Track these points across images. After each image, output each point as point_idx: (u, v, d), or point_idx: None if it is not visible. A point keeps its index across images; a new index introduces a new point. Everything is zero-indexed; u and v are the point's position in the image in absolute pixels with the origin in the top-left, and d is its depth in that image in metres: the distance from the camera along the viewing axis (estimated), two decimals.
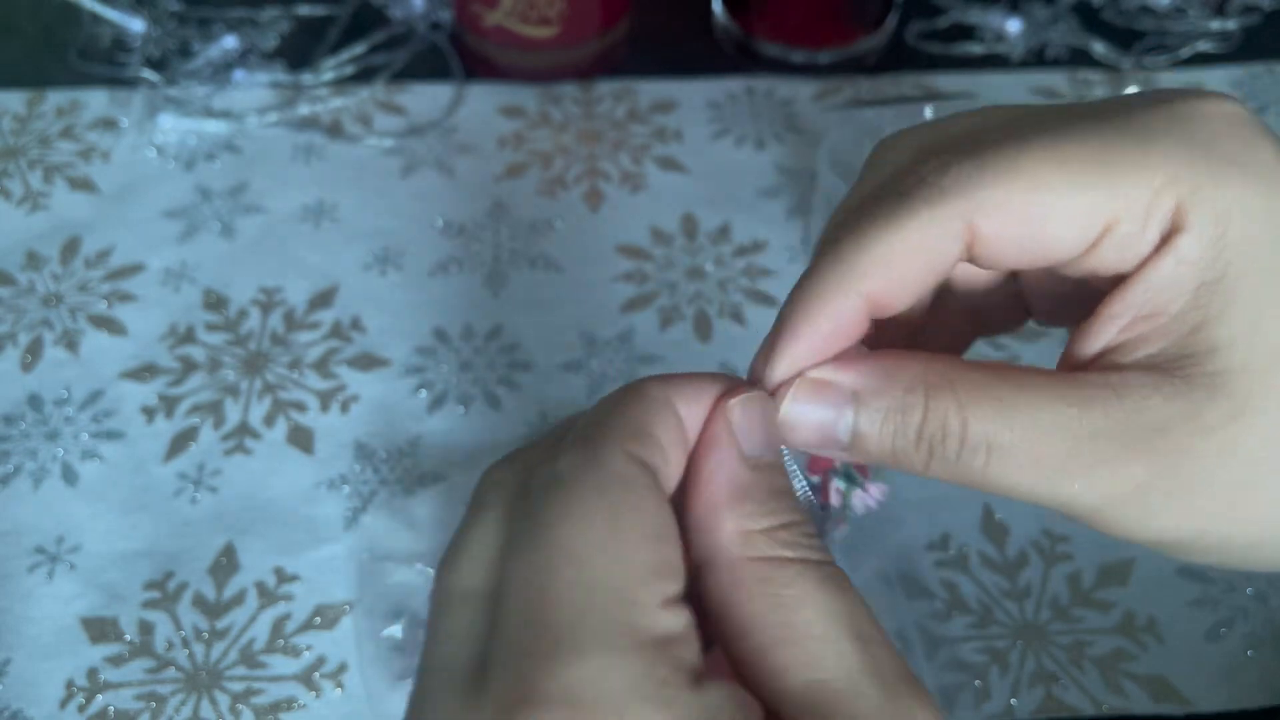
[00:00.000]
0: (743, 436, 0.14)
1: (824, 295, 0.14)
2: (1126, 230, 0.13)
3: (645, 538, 0.12)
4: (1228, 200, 0.12)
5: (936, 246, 0.13)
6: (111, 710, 0.26)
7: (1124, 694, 0.26)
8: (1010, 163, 0.13)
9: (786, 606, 0.13)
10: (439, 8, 0.43)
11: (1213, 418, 0.13)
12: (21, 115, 0.39)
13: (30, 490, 0.30)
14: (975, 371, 0.13)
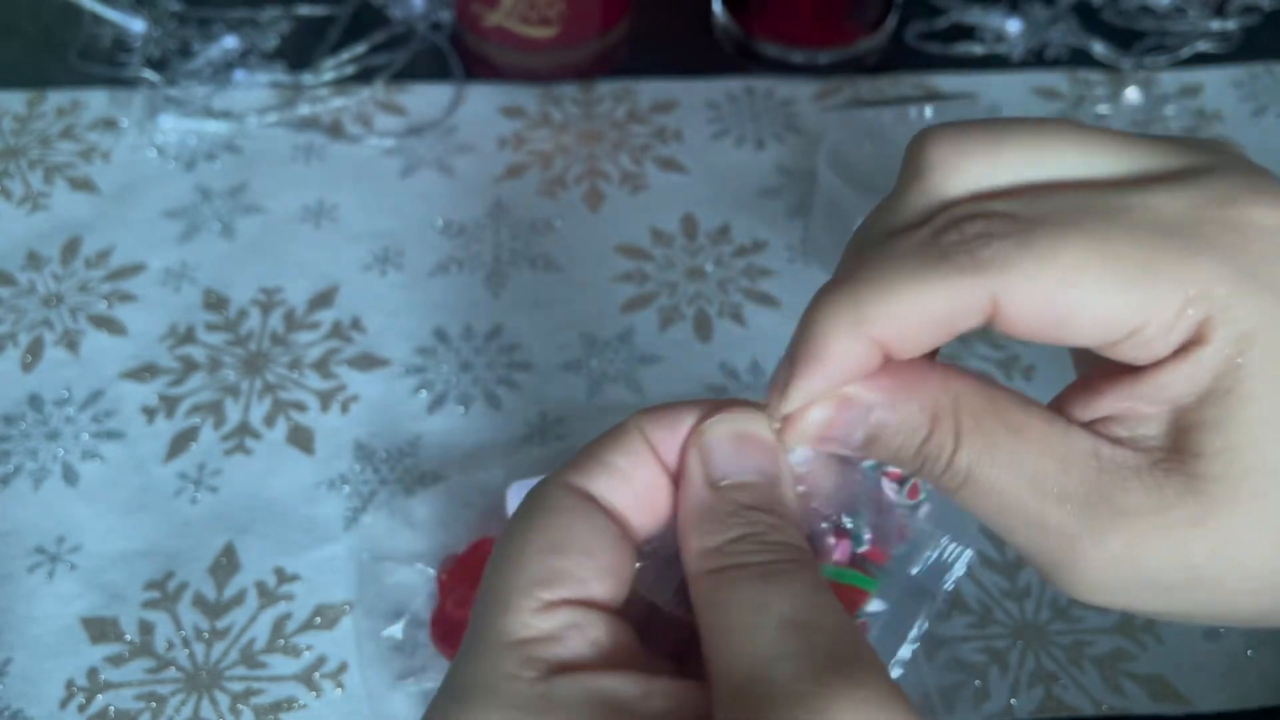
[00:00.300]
0: (710, 460, 0.15)
1: (838, 335, 0.14)
2: (1151, 335, 0.13)
3: (539, 552, 0.14)
4: (1254, 323, 0.13)
5: (958, 312, 0.13)
6: (112, 710, 0.26)
7: (1123, 693, 0.26)
8: (1050, 251, 0.13)
9: (721, 608, 0.13)
10: (439, 8, 0.43)
11: (1177, 517, 0.13)
12: (22, 115, 0.39)
13: (31, 490, 0.30)
14: (979, 400, 0.14)
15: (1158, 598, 0.14)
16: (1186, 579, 0.13)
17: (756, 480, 0.14)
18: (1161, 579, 0.13)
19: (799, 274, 0.35)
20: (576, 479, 0.15)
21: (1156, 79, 0.41)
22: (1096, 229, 0.13)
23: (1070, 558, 0.13)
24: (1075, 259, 0.13)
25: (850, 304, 0.14)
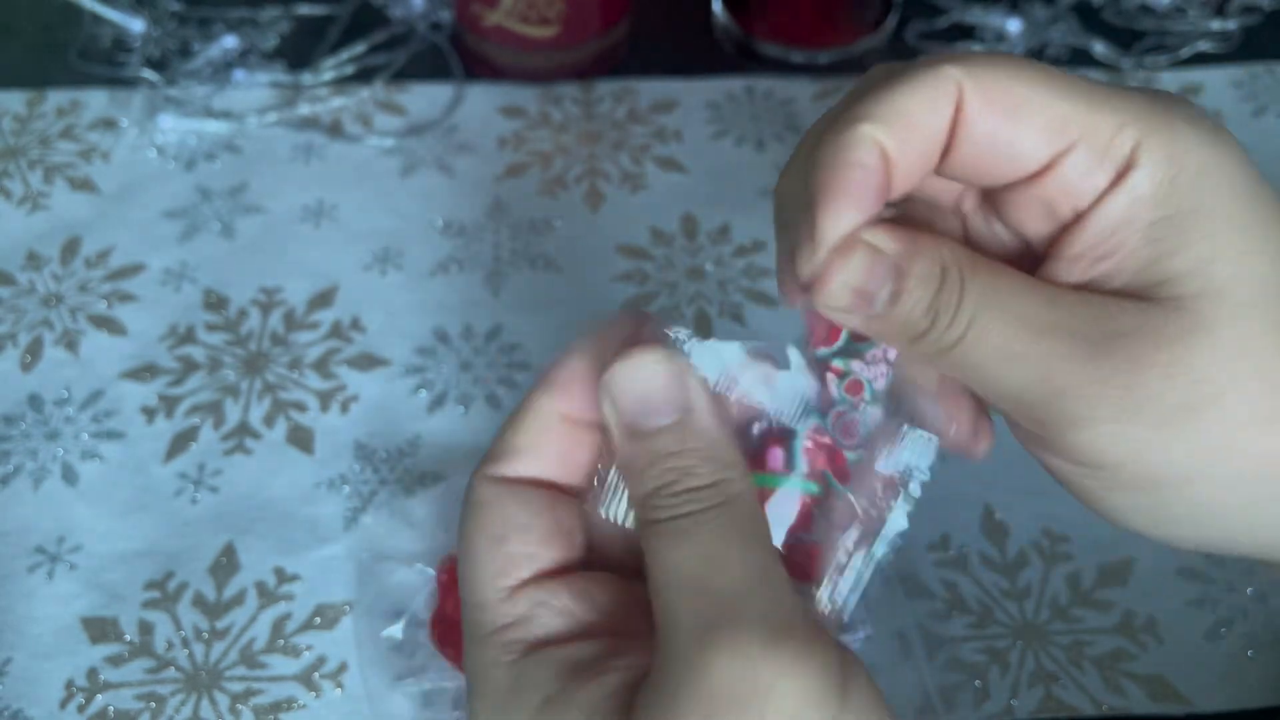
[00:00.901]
0: (622, 411, 0.15)
1: (855, 149, 0.14)
2: (1085, 155, 0.14)
3: (488, 544, 0.15)
4: (1180, 145, 0.14)
5: (935, 103, 0.14)
6: (111, 710, 0.26)
7: (1123, 694, 0.26)
8: (1005, 63, 0.14)
9: (648, 565, 0.14)
10: (439, 7, 0.43)
11: (1170, 331, 0.14)
12: (22, 115, 0.39)
13: (30, 490, 0.30)
14: (979, 259, 0.15)
15: (1160, 432, 0.13)
16: (1185, 400, 0.13)
17: (668, 421, 0.15)
18: (1163, 400, 0.13)
19: None
20: (493, 469, 0.16)
21: (1156, 79, 0.41)
22: (1051, 71, 0.14)
23: (1071, 390, 0.13)
24: (1030, 69, 0.14)
25: (847, 117, 0.14)
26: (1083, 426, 0.14)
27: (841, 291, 0.14)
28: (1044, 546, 0.29)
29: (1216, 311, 0.14)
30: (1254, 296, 0.14)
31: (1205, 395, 0.14)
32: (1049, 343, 0.14)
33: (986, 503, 0.30)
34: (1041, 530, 0.29)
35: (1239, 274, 0.14)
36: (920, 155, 0.14)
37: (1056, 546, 0.29)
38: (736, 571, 0.14)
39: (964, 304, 0.14)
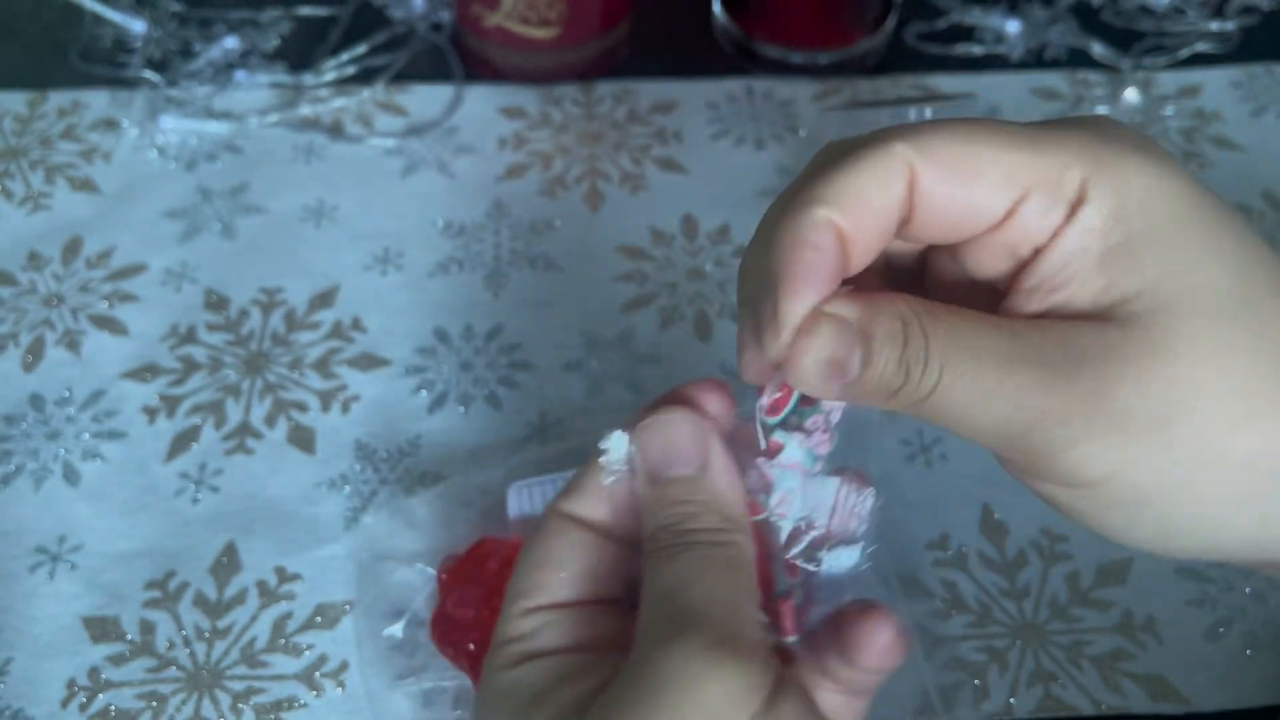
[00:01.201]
0: (645, 459, 0.17)
1: (810, 232, 0.15)
2: (1039, 200, 0.15)
3: (527, 569, 0.17)
4: (1124, 176, 0.15)
5: (887, 181, 0.15)
6: (113, 709, 0.26)
7: (1123, 693, 0.26)
8: (948, 129, 0.15)
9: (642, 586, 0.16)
10: (439, 8, 0.43)
11: (1130, 349, 0.14)
12: (23, 116, 0.39)
13: (32, 490, 0.30)
14: (937, 307, 0.15)
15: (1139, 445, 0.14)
16: (1157, 412, 0.14)
17: (685, 473, 0.17)
18: (1137, 414, 0.14)
19: None
20: (562, 504, 0.18)
21: (1155, 79, 0.41)
22: (992, 125, 0.15)
23: (1047, 417, 0.14)
24: (976, 129, 0.15)
25: (799, 204, 0.15)
26: (1064, 450, 0.14)
27: (814, 367, 0.15)
28: (1043, 546, 0.29)
29: (1173, 324, 0.14)
30: (1207, 306, 0.14)
31: (1176, 404, 0.14)
32: (1018, 376, 0.14)
33: (985, 502, 0.30)
34: (1040, 529, 0.29)
35: (1190, 286, 0.14)
36: (875, 231, 0.15)
37: (1055, 546, 0.29)
38: (707, 591, 0.16)
39: (930, 353, 0.15)
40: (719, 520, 0.16)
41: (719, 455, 0.17)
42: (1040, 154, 0.15)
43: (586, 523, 0.17)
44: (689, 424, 0.17)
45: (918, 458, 0.31)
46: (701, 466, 0.17)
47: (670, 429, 0.17)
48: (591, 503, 0.18)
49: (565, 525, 0.17)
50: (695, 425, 0.17)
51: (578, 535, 0.17)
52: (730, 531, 0.16)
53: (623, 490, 0.17)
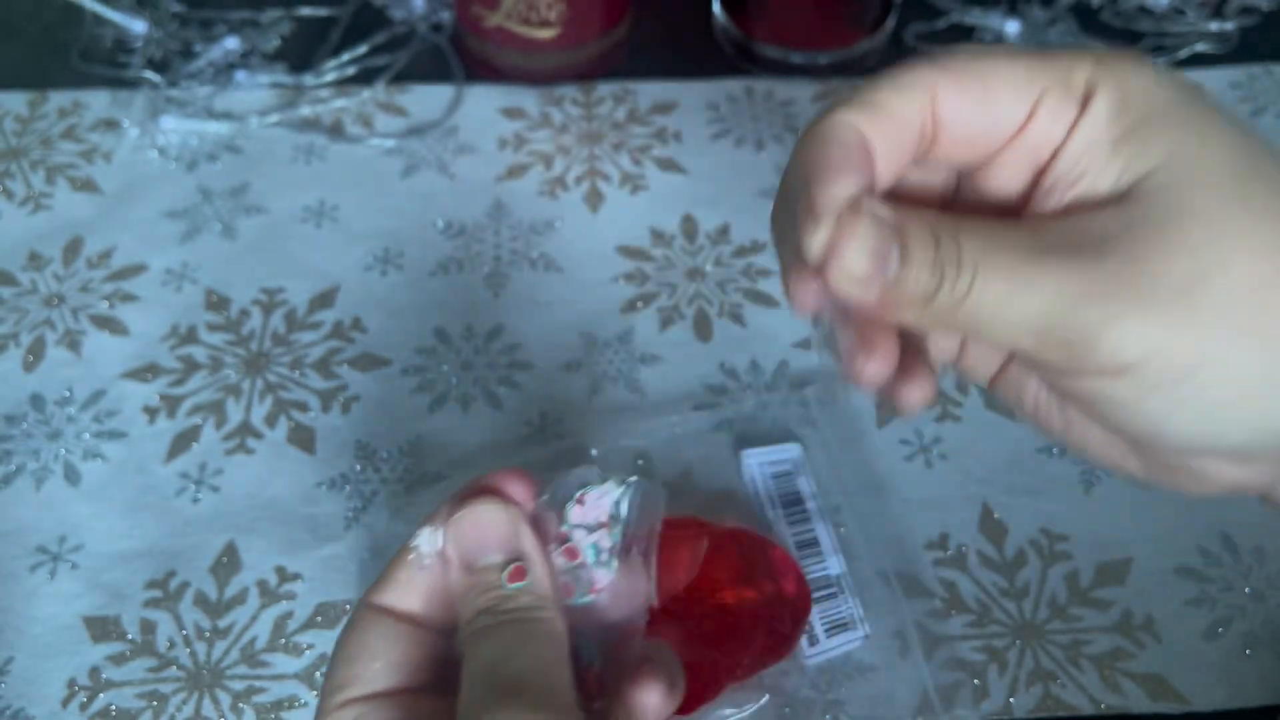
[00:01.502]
0: (461, 550, 0.18)
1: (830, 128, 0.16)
2: (1052, 99, 0.16)
3: (341, 661, 0.18)
4: (1125, 73, 0.16)
5: (910, 95, 0.16)
6: (113, 709, 0.26)
7: (1122, 693, 0.27)
8: (964, 50, 0.16)
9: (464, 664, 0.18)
10: (440, 9, 0.43)
11: (1152, 222, 0.14)
12: (24, 116, 0.39)
13: (32, 490, 0.30)
14: (963, 217, 0.16)
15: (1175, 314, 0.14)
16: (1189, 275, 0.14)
17: (497, 560, 0.18)
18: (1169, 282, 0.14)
19: None
20: (372, 596, 0.19)
21: None
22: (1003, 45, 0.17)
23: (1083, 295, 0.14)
24: (990, 48, 0.16)
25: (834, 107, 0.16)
26: (1102, 331, 0.14)
27: (858, 258, 0.15)
28: (1042, 545, 0.29)
29: (1190, 195, 0.14)
30: (1221, 178, 0.15)
31: (1205, 268, 0.14)
32: (1048, 263, 0.15)
33: (985, 502, 0.30)
34: (1040, 529, 0.29)
35: (1200, 160, 0.15)
36: (899, 144, 0.16)
37: (1055, 545, 0.29)
38: (525, 662, 0.17)
39: (964, 253, 0.15)
40: (533, 599, 0.18)
41: (529, 540, 0.18)
42: (1049, 60, 0.16)
43: (398, 613, 0.19)
44: (500, 513, 0.18)
45: (917, 457, 0.31)
46: (514, 552, 0.18)
47: (483, 519, 0.18)
48: (402, 594, 0.19)
49: (377, 617, 0.18)
50: (506, 514, 0.18)
51: (390, 626, 0.18)
52: (543, 609, 0.18)
53: (433, 580, 0.18)
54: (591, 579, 0.18)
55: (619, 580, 0.18)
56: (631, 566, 0.18)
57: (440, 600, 0.19)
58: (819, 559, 0.28)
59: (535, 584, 0.18)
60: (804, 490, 0.29)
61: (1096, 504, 0.30)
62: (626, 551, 0.18)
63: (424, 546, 0.18)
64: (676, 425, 0.31)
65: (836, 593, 0.27)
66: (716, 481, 0.30)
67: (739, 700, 0.25)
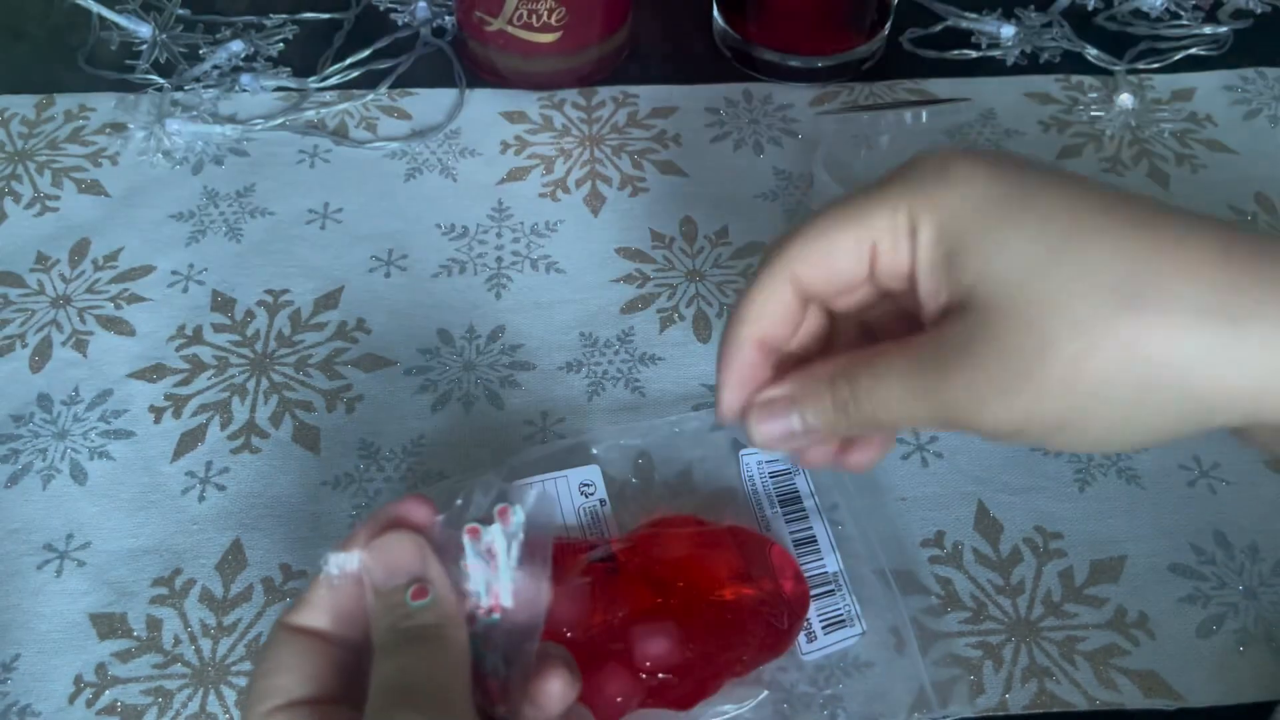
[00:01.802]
0: (373, 575, 0.20)
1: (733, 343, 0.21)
2: (888, 244, 0.19)
3: (260, 675, 0.20)
4: (943, 196, 0.19)
5: (779, 293, 0.20)
6: (119, 705, 0.27)
7: (1116, 689, 0.27)
8: (805, 230, 0.20)
9: None
10: (442, 14, 0.43)
11: (985, 325, 0.18)
12: (30, 119, 0.40)
13: (39, 489, 0.30)
14: (859, 355, 0.20)
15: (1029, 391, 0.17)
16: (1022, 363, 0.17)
17: (403, 582, 0.20)
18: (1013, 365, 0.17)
19: None
20: (286, 616, 0.21)
21: (1149, 83, 0.42)
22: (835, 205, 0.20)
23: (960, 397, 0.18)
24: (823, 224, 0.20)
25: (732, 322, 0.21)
26: (979, 417, 0.18)
27: (764, 440, 0.21)
28: (1037, 543, 0.29)
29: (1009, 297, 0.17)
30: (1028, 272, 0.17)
31: (1034, 350, 0.17)
32: (925, 380, 0.18)
33: (980, 500, 0.30)
34: (1034, 527, 0.30)
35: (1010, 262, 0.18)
36: (788, 322, 0.21)
37: (1049, 543, 0.29)
38: (424, 675, 0.19)
39: (859, 393, 0.19)
40: (434, 616, 0.20)
41: (434, 565, 0.20)
42: (873, 209, 0.19)
43: (310, 631, 0.20)
44: (408, 542, 0.20)
45: (913, 456, 0.31)
46: (419, 576, 0.20)
47: (394, 547, 0.20)
48: (315, 613, 0.20)
49: (291, 635, 0.20)
50: (413, 542, 0.20)
51: (304, 642, 0.20)
52: (442, 625, 0.19)
53: (342, 599, 0.20)
54: (491, 592, 0.20)
55: (518, 587, 0.20)
56: (529, 575, 0.20)
57: (350, 618, 0.20)
58: (817, 556, 0.28)
59: (436, 602, 0.20)
60: (802, 489, 0.30)
61: (1091, 502, 0.30)
62: (523, 562, 0.20)
63: (333, 569, 0.20)
64: (676, 425, 0.31)
65: (834, 590, 0.28)
66: (715, 481, 0.30)
67: (737, 696, 0.25)
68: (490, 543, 0.20)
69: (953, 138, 0.39)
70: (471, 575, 0.20)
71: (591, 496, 0.29)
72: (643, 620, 0.24)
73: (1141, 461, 0.31)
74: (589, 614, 0.24)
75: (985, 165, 0.18)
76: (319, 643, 0.20)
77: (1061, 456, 0.31)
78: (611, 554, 0.26)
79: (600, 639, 0.24)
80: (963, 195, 0.18)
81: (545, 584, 0.20)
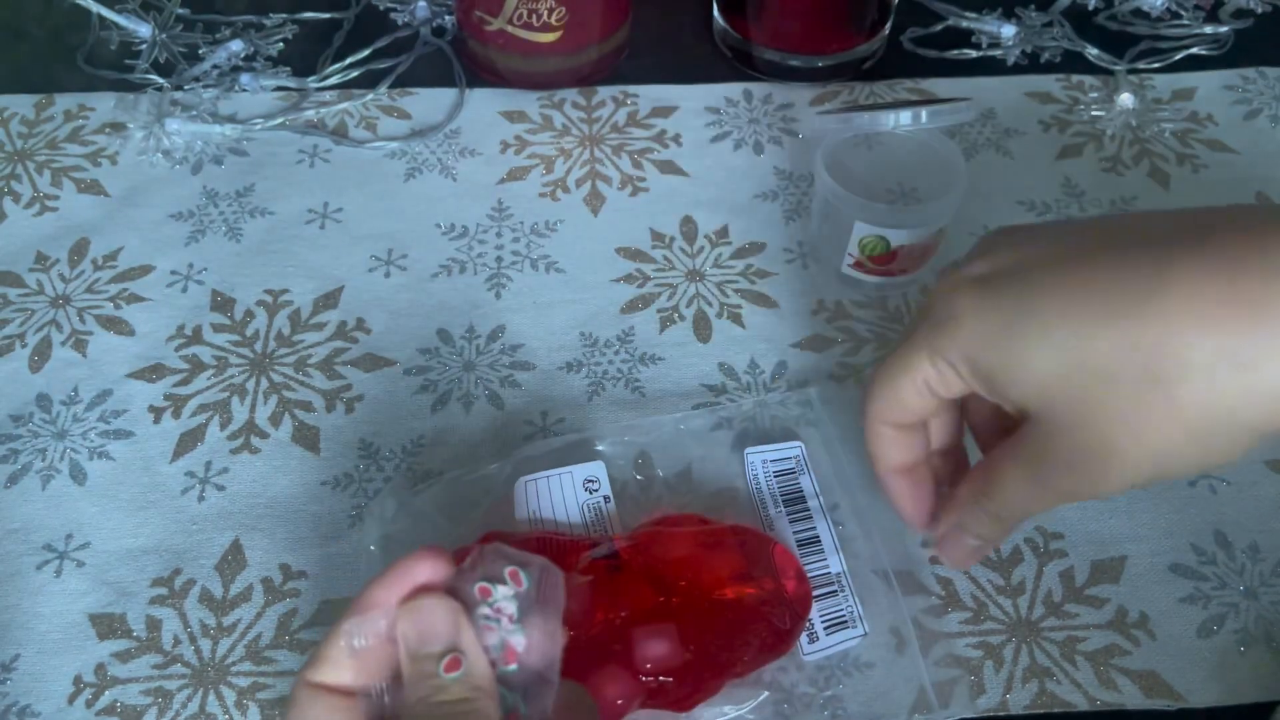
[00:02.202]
0: (408, 638, 0.20)
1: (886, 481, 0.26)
2: (938, 383, 0.23)
3: None
4: (960, 342, 0.22)
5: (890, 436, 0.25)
6: (119, 705, 0.26)
7: (1117, 689, 0.27)
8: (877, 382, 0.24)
9: None
10: (442, 14, 0.43)
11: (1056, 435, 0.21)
12: (30, 119, 0.40)
13: (39, 489, 0.30)
14: (978, 472, 0.24)
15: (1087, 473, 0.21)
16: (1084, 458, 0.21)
17: (438, 649, 0.20)
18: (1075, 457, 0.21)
19: (797, 275, 0.36)
20: (309, 673, 0.20)
21: (1150, 82, 0.42)
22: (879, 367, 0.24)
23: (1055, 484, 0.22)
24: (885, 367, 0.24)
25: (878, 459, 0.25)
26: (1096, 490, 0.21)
27: (961, 564, 0.26)
28: (1038, 543, 0.29)
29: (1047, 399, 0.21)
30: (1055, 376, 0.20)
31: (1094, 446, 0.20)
32: (1036, 480, 0.22)
33: None
34: (1035, 527, 0.30)
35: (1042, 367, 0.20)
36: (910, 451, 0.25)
37: (1050, 543, 0.29)
38: None
39: (998, 505, 0.23)
40: (466, 689, 0.19)
41: (468, 635, 0.20)
42: (913, 356, 0.23)
43: (333, 688, 0.20)
44: (444, 609, 0.20)
45: None
46: (453, 644, 0.20)
47: (429, 614, 0.20)
48: (337, 670, 0.20)
49: (315, 694, 0.20)
50: (449, 610, 0.20)
51: (328, 701, 0.20)
52: (474, 700, 0.19)
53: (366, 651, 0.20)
54: (507, 646, 0.20)
55: (531, 638, 0.20)
56: (542, 617, 0.20)
57: (374, 666, 0.20)
58: (820, 557, 0.28)
59: (470, 673, 0.20)
60: (806, 488, 0.30)
61: (1091, 503, 0.30)
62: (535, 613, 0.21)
63: (358, 640, 0.20)
64: (681, 422, 0.31)
65: (836, 590, 0.28)
66: (716, 480, 0.30)
67: (738, 696, 0.25)
68: (499, 603, 0.20)
69: (953, 137, 0.39)
70: (484, 633, 0.20)
71: (596, 493, 0.29)
72: (644, 621, 0.24)
73: None
74: (591, 612, 0.24)
75: (981, 293, 0.21)
76: (343, 699, 0.20)
77: None
78: (615, 551, 0.26)
79: (601, 638, 0.24)
80: (971, 331, 0.21)
81: (559, 630, 0.21)
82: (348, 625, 0.20)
